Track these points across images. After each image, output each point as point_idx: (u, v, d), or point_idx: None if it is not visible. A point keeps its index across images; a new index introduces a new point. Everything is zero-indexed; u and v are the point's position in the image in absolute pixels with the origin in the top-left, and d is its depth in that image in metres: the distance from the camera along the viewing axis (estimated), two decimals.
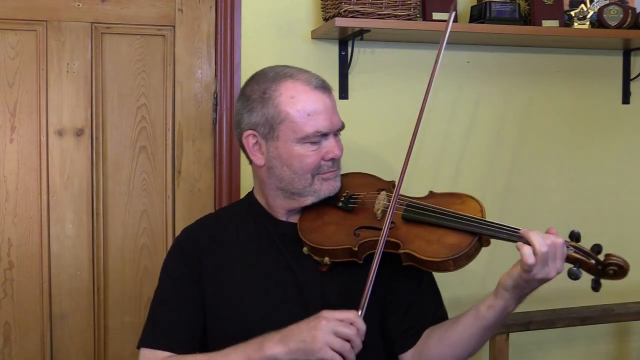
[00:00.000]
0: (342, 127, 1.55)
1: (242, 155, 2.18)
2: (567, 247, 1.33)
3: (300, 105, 1.47)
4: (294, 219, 1.55)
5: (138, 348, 1.54)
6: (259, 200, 1.60)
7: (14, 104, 2.09)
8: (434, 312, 1.56)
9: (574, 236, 1.35)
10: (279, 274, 1.51)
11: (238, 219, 1.60)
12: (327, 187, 1.51)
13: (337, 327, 1.30)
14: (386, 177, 1.66)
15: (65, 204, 2.12)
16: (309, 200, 1.52)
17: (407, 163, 1.46)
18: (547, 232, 1.33)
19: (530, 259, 1.28)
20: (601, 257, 1.33)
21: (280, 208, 1.55)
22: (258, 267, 1.52)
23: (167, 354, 1.50)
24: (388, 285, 1.51)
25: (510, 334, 2.28)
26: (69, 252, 2.14)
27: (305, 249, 1.49)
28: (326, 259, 1.46)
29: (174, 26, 2.18)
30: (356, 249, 1.44)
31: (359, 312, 1.34)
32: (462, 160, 2.41)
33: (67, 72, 2.11)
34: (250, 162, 1.58)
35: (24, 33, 2.08)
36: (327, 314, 1.32)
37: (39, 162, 2.10)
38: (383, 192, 1.53)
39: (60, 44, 2.10)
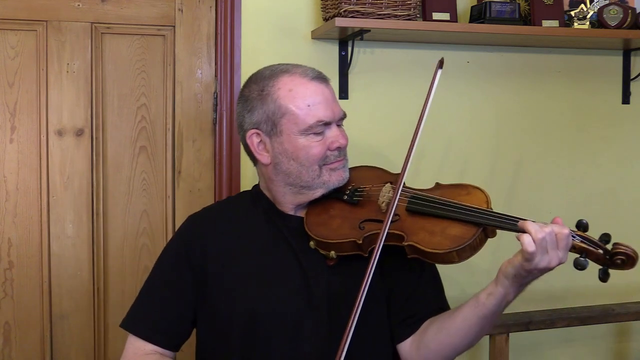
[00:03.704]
0: (344, 116, 1.55)
1: (243, 155, 2.20)
2: (574, 237, 1.31)
3: (299, 97, 1.48)
4: (302, 212, 1.55)
5: (122, 327, 1.57)
6: (267, 195, 1.60)
7: (14, 104, 2.08)
8: (435, 302, 1.55)
9: (582, 226, 1.33)
10: (286, 267, 1.51)
11: (246, 210, 1.61)
12: (336, 178, 1.52)
13: None
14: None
15: (65, 204, 2.12)
16: (318, 192, 1.52)
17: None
18: (553, 221, 1.32)
19: (530, 246, 1.26)
20: (609, 246, 1.31)
21: (289, 203, 1.56)
22: (266, 258, 1.53)
23: (152, 347, 1.53)
24: (392, 276, 1.52)
25: (510, 334, 2.28)
26: (69, 252, 2.14)
27: (312, 243, 1.50)
28: (332, 253, 1.47)
29: (174, 26, 2.18)
30: (360, 241, 1.44)
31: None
32: (461, 160, 2.41)
33: (67, 72, 2.11)
34: (255, 162, 1.59)
35: (24, 33, 2.08)
36: None
37: (39, 162, 2.10)
38: (388, 185, 1.53)
39: (60, 44, 2.10)
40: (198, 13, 2.20)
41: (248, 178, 2.20)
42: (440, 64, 1.52)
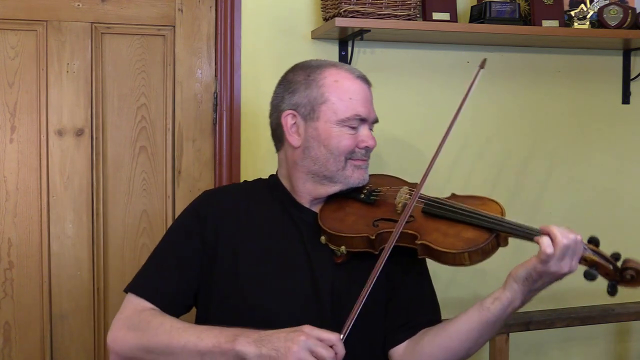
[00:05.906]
0: (376, 120, 1.61)
1: (243, 155, 2.21)
2: (586, 250, 1.35)
3: (343, 89, 1.53)
4: (317, 208, 1.57)
5: (125, 292, 1.55)
6: (284, 184, 1.61)
7: (14, 104, 2.09)
8: (433, 313, 1.57)
9: (593, 241, 1.38)
10: (295, 258, 1.52)
11: (263, 197, 1.62)
12: (357, 176, 1.55)
13: (314, 347, 1.28)
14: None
15: (65, 204, 2.12)
16: (337, 187, 1.54)
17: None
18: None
19: (549, 248, 1.30)
20: (619, 263, 1.35)
21: (307, 194, 1.57)
22: (276, 247, 1.54)
23: (151, 305, 1.51)
24: (396, 279, 1.53)
25: (510, 334, 2.28)
26: (69, 252, 2.14)
27: (323, 238, 1.51)
28: (342, 249, 1.48)
29: (174, 26, 2.18)
30: (373, 237, 1.45)
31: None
32: (461, 160, 2.41)
33: (67, 72, 2.11)
34: (280, 146, 1.61)
35: (24, 33, 2.08)
36: (308, 329, 1.31)
37: (39, 162, 2.10)
38: (405, 187, 1.57)
39: (60, 44, 2.10)
40: (198, 13, 2.20)
41: (248, 178, 2.20)
42: (482, 65, 1.57)
